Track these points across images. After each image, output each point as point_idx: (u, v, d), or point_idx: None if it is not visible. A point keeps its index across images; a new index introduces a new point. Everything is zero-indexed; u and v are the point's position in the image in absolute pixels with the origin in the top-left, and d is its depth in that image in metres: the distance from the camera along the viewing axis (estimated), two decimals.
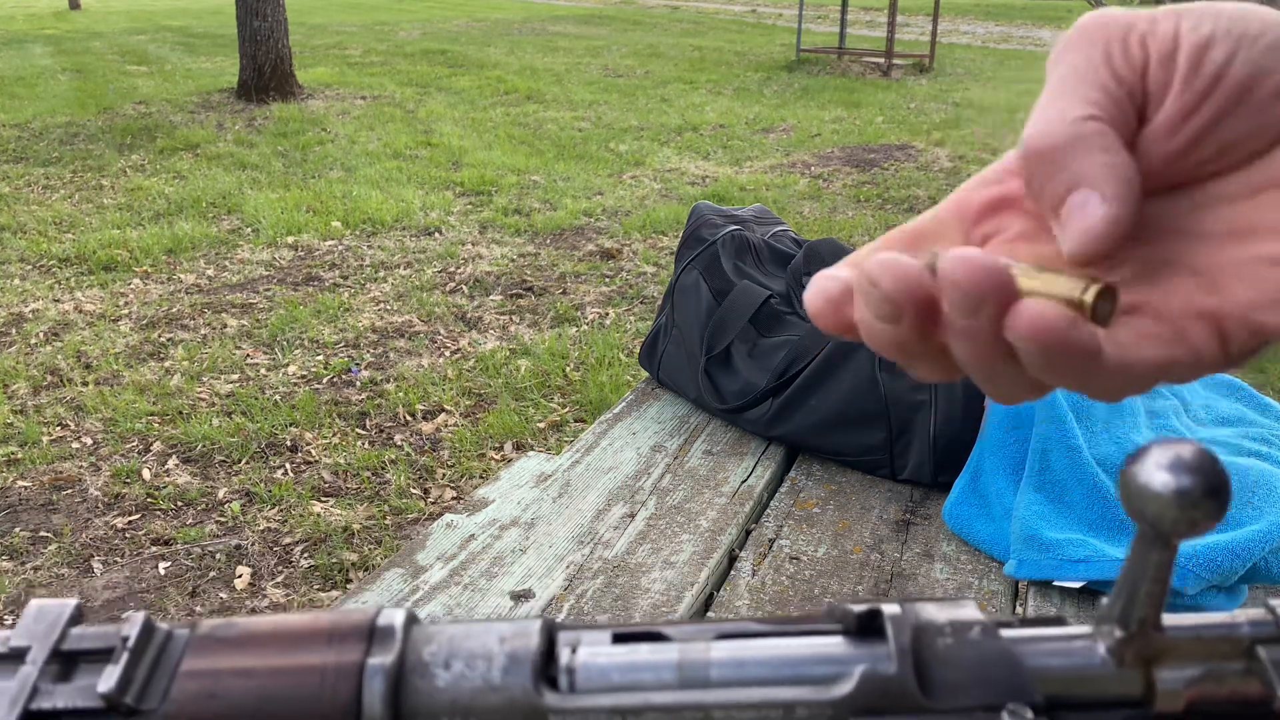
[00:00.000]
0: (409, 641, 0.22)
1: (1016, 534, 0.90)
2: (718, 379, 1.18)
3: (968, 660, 0.21)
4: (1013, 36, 12.98)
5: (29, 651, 0.21)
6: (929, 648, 0.21)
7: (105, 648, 0.22)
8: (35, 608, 0.23)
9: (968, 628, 0.22)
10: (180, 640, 0.22)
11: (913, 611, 0.22)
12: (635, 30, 13.03)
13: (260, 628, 0.22)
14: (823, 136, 5.88)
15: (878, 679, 0.21)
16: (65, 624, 0.22)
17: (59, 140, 5.56)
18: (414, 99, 7.10)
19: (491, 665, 0.21)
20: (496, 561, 0.92)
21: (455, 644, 0.22)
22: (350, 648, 0.21)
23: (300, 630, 0.22)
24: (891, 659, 0.21)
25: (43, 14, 15.50)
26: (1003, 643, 0.21)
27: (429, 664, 0.21)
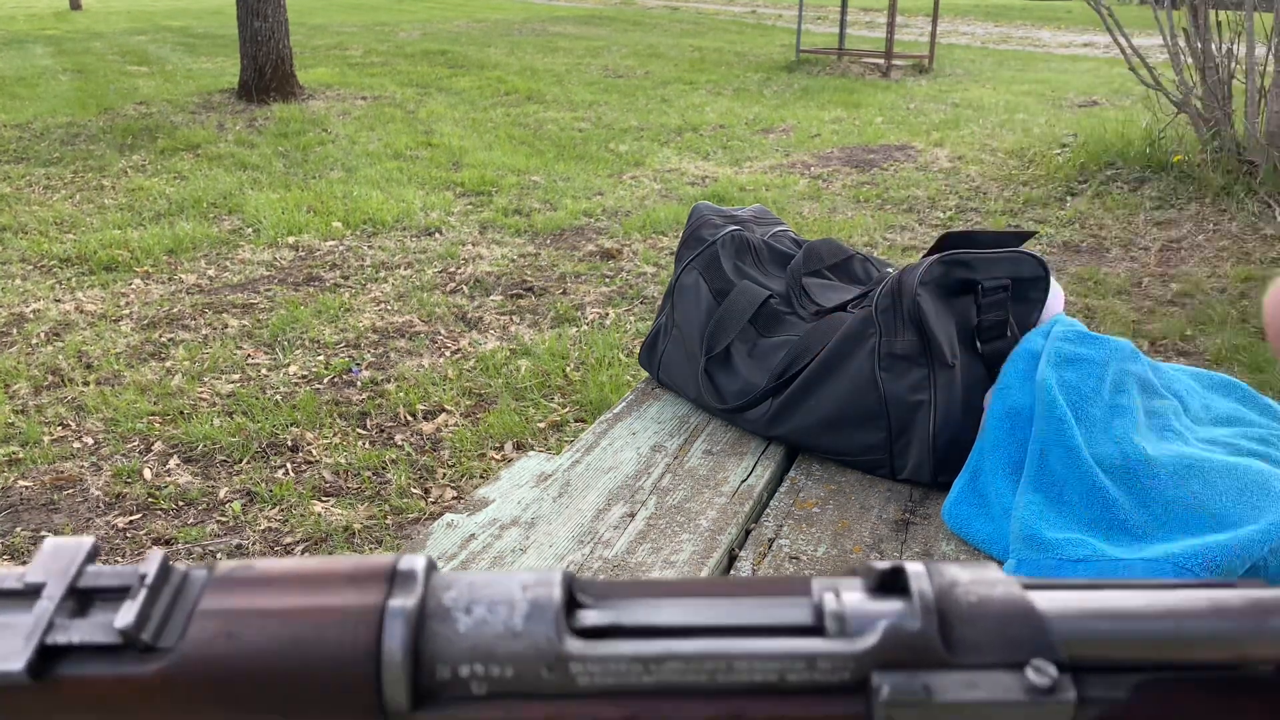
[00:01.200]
0: (430, 586, 0.21)
1: (1015, 533, 0.90)
2: (718, 379, 1.18)
3: (991, 617, 0.21)
4: (1012, 37, 12.98)
5: (45, 587, 0.21)
6: (953, 605, 0.21)
7: (122, 585, 0.21)
8: (51, 545, 0.22)
9: (992, 586, 0.22)
10: (198, 580, 0.22)
11: (936, 570, 0.22)
12: (635, 31, 13.03)
13: (279, 569, 0.22)
14: (822, 137, 5.88)
15: (901, 633, 0.21)
16: (82, 561, 0.22)
17: (60, 140, 5.57)
18: (414, 99, 7.10)
19: (514, 611, 0.21)
20: (497, 561, 0.92)
21: (476, 590, 0.21)
22: (371, 590, 0.21)
23: (320, 573, 0.22)
24: (915, 615, 0.21)
25: (43, 14, 15.50)
26: (1028, 602, 0.21)
27: (450, 608, 0.21)
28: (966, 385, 1.05)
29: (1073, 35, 13.23)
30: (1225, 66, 4.26)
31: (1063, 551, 0.86)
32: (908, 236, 3.92)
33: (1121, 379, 0.99)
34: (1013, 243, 1.10)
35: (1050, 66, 9.47)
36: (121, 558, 1.89)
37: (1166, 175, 4.47)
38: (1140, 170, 4.61)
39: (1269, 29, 4.29)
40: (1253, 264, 3.52)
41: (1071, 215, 4.17)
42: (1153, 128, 4.80)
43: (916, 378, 1.04)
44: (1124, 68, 5.13)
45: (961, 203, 4.42)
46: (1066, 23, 15.34)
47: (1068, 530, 0.89)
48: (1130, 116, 5.67)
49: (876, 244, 3.82)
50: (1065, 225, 4.05)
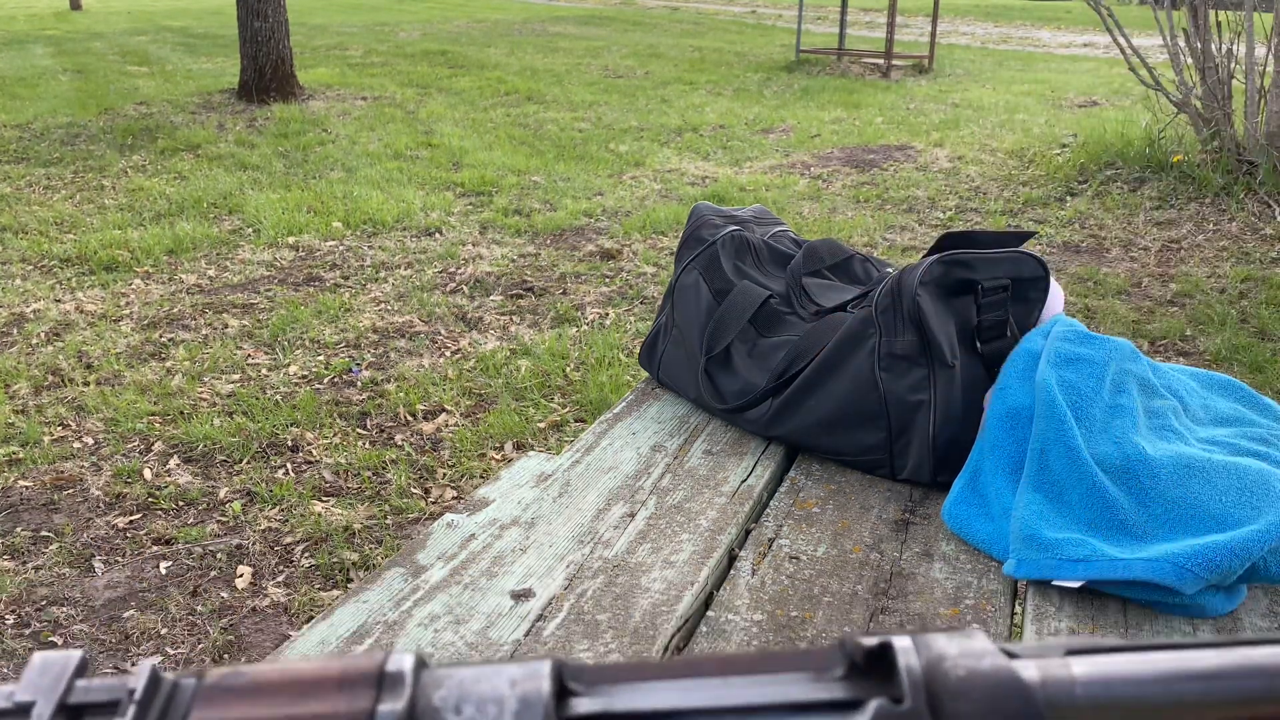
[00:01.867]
0: (419, 687, 0.21)
1: (1015, 533, 0.90)
2: (717, 379, 1.18)
3: (980, 691, 0.21)
4: (1012, 37, 12.98)
5: (34, 706, 0.21)
6: (941, 680, 0.21)
7: (112, 700, 0.21)
8: (40, 660, 0.22)
9: (979, 658, 0.22)
10: (188, 690, 0.22)
11: (923, 644, 0.22)
12: (635, 31, 13.03)
13: (268, 676, 0.22)
14: (822, 137, 5.88)
15: (890, 715, 0.21)
16: (70, 676, 0.22)
17: (60, 141, 5.57)
18: (414, 100, 7.10)
19: (503, 710, 0.21)
20: (497, 561, 0.92)
21: (465, 689, 0.21)
22: (360, 695, 0.21)
23: (309, 678, 0.22)
24: (904, 695, 0.21)
25: (43, 14, 15.50)
26: (1014, 673, 0.21)
27: (439, 710, 0.21)
28: (966, 385, 1.05)
29: (1073, 35, 13.23)
30: (1225, 66, 4.27)
31: (1063, 551, 0.86)
32: (908, 236, 3.92)
33: (1121, 379, 0.99)
34: (1013, 243, 1.10)
35: (1050, 66, 9.48)
36: (122, 557, 1.89)
37: (1166, 175, 4.47)
38: (1140, 170, 4.61)
39: (1269, 29, 4.29)
40: (1253, 264, 3.52)
41: (1071, 215, 4.17)
42: (1153, 128, 4.80)
43: (916, 378, 1.04)
44: (1124, 68, 5.13)
45: (961, 203, 4.42)
46: (1066, 23, 15.34)
47: (1067, 530, 0.89)
48: (1130, 116, 5.67)
49: (876, 244, 3.83)
50: (1065, 225, 4.05)
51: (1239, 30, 4.20)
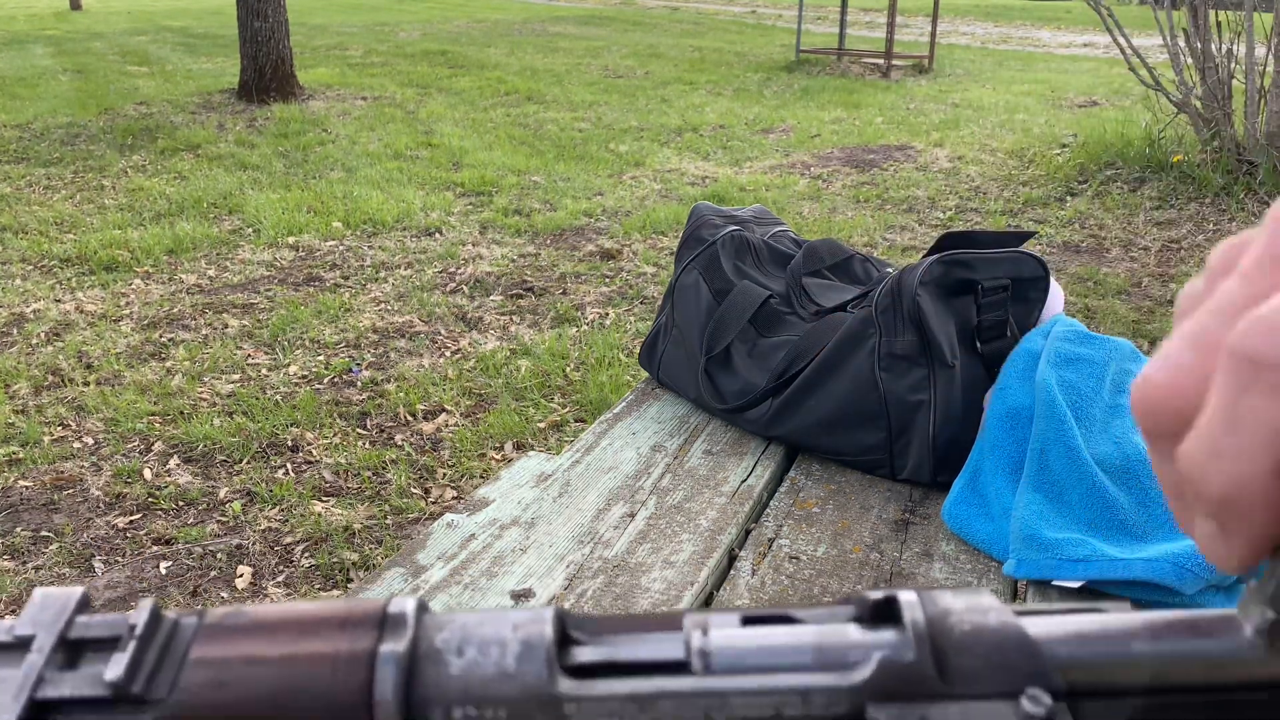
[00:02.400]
0: (421, 629, 0.21)
1: (1015, 533, 0.90)
2: (718, 379, 1.18)
3: (985, 646, 0.21)
4: (1012, 37, 12.98)
5: (34, 639, 0.21)
6: (946, 634, 0.21)
7: (112, 636, 0.21)
8: (40, 596, 0.22)
9: (985, 614, 0.21)
10: (189, 628, 0.22)
11: (929, 599, 0.22)
12: (635, 31, 13.03)
13: (270, 616, 0.22)
14: (822, 137, 5.88)
15: (896, 665, 0.21)
16: (72, 612, 0.22)
17: (60, 141, 5.57)
18: (414, 100, 7.10)
19: (505, 652, 0.21)
20: (497, 561, 0.92)
21: (468, 631, 0.21)
22: (362, 635, 0.21)
23: (311, 618, 0.22)
24: (909, 645, 0.21)
25: (43, 14, 15.50)
26: (1020, 629, 0.21)
27: (441, 650, 0.21)
28: (966, 385, 1.05)
29: (1073, 35, 13.23)
30: (1225, 66, 4.27)
31: (1063, 551, 0.86)
32: (908, 236, 3.92)
33: (1121, 379, 0.99)
34: (1013, 243, 1.10)
35: (1050, 66, 9.48)
36: (122, 558, 1.89)
37: (1166, 175, 4.47)
38: (1140, 170, 4.61)
39: (1269, 29, 4.29)
40: None
41: (1071, 215, 4.17)
42: (1153, 128, 4.80)
43: (916, 378, 1.04)
44: (1124, 68, 5.13)
45: (961, 203, 4.42)
46: (1066, 23, 15.34)
47: (1068, 530, 0.89)
48: (1130, 116, 5.67)
49: (876, 244, 3.83)
50: (1065, 225, 4.05)
51: (1239, 30, 4.20)
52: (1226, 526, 0.21)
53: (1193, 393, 0.21)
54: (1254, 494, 0.20)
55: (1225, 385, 0.20)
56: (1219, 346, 0.20)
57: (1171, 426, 0.22)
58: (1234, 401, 0.20)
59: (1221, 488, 0.20)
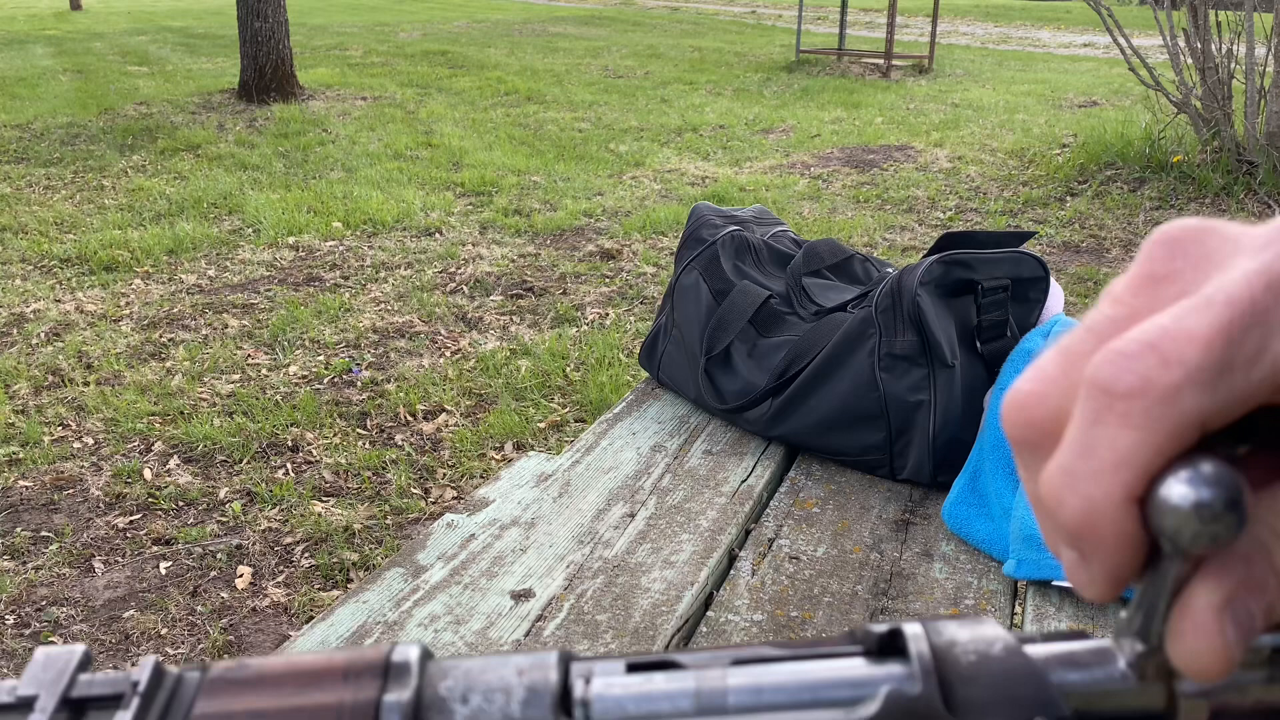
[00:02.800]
0: (425, 677, 0.21)
1: (1015, 534, 0.90)
2: (718, 379, 1.18)
3: (992, 677, 0.21)
4: (1012, 37, 12.98)
5: (37, 700, 0.21)
6: (952, 666, 0.21)
7: (115, 694, 0.21)
8: (42, 655, 0.22)
9: (990, 644, 0.21)
10: (192, 683, 0.22)
11: (934, 629, 0.22)
12: (635, 31, 13.03)
13: (273, 668, 0.22)
14: (822, 137, 5.88)
15: (902, 699, 0.20)
16: (73, 670, 0.22)
17: (60, 141, 5.57)
18: (414, 100, 7.10)
19: (510, 699, 0.21)
20: (497, 561, 0.92)
21: (472, 678, 0.21)
22: (365, 685, 0.21)
23: (314, 669, 0.22)
24: (915, 678, 0.21)
25: (44, 15, 15.51)
26: (1027, 658, 0.21)
27: (446, 699, 0.21)
28: (966, 385, 1.05)
29: (1073, 35, 13.23)
30: (1225, 66, 4.26)
31: None
32: (908, 236, 3.92)
33: None
34: (1013, 243, 1.10)
35: (1050, 67, 9.48)
36: (122, 558, 1.89)
37: (1166, 175, 4.47)
38: (1140, 170, 4.61)
39: (1269, 29, 4.29)
40: None
41: (1071, 215, 4.17)
42: (1153, 128, 4.80)
43: (916, 378, 1.04)
44: (1124, 68, 5.13)
45: (961, 203, 4.42)
46: (1066, 23, 15.34)
47: None
48: (1130, 116, 5.67)
49: (876, 244, 3.83)
50: (1065, 225, 4.05)
51: (1239, 30, 4.20)
52: (1084, 554, 0.21)
53: (1057, 408, 0.21)
54: (1106, 522, 0.20)
55: (1082, 411, 0.20)
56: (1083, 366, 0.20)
57: (1037, 439, 0.21)
58: (1089, 427, 0.20)
59: (1075, 514, 0.20)
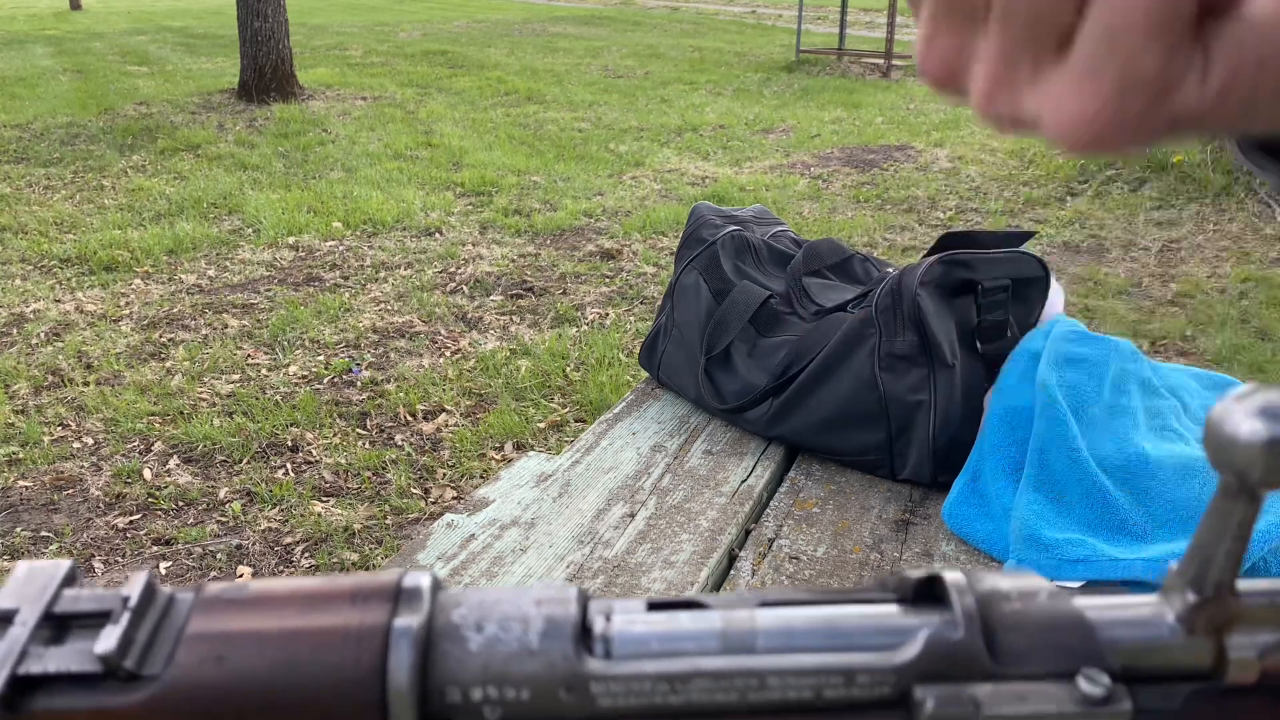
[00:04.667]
0: (437, 604, 0.20)
1: (1016, 534, 0.90)
2: (718, 379, 1.18)
3: (1037, 625, 0.20)
4: None
5: (17, 613, 0.20)
6: (995, 613, 0.20)
7: (103, 610, 0.20)
8: (25, 568, 0.21)
9: (1034, 593, 0.21)
10: (185, 602, 0.20)
11: (976, 578, 0.21)
12: (635, 31, 13.03)
13: (274, 590, 0.21)
14: (822, 137, 5.88)
15: (943, 644, 0.20)
16: (58, 585, 0.20)
17: (60, 141, 5.57)
18: (414, 100, 7.10)
19: (528, 628, 0.20)
20: (497, 561, 0.92)
21: (487, 607, 0.20)
22: (374, 609, 0.20)
23: (319, 592, 0.20)
24: (957, 624, 0.20)
25: (43, 14, 15.51)
26: (1074, 608, 0.20)
27: (459, 626, 0.20)
28: (966, 385, 1.05)
29: None
30: None
31: (1063, 552, 0.86)
32: (908, 236, 3.92)
33: (1122, 379, 0.99)
34: (1013, 243, 1.10)
35: None
36: (122, 558, 1.89)
37: (1166, 175, 4.47)
38: (1140, 170, 4.61)
39: None
40: (1253, 264, 3.52)
41: (1071, 215, 4.17)
42: None
43: (916, 378, 1.04)
44: None
45: (961, 203, 4.42)
46: None
47: (1068, 530, 0.89)
48: None
49: (876, 244, 3.83)
50: (1065, 225, 4.05)
51: None
52: (1095, 57, 0.16)
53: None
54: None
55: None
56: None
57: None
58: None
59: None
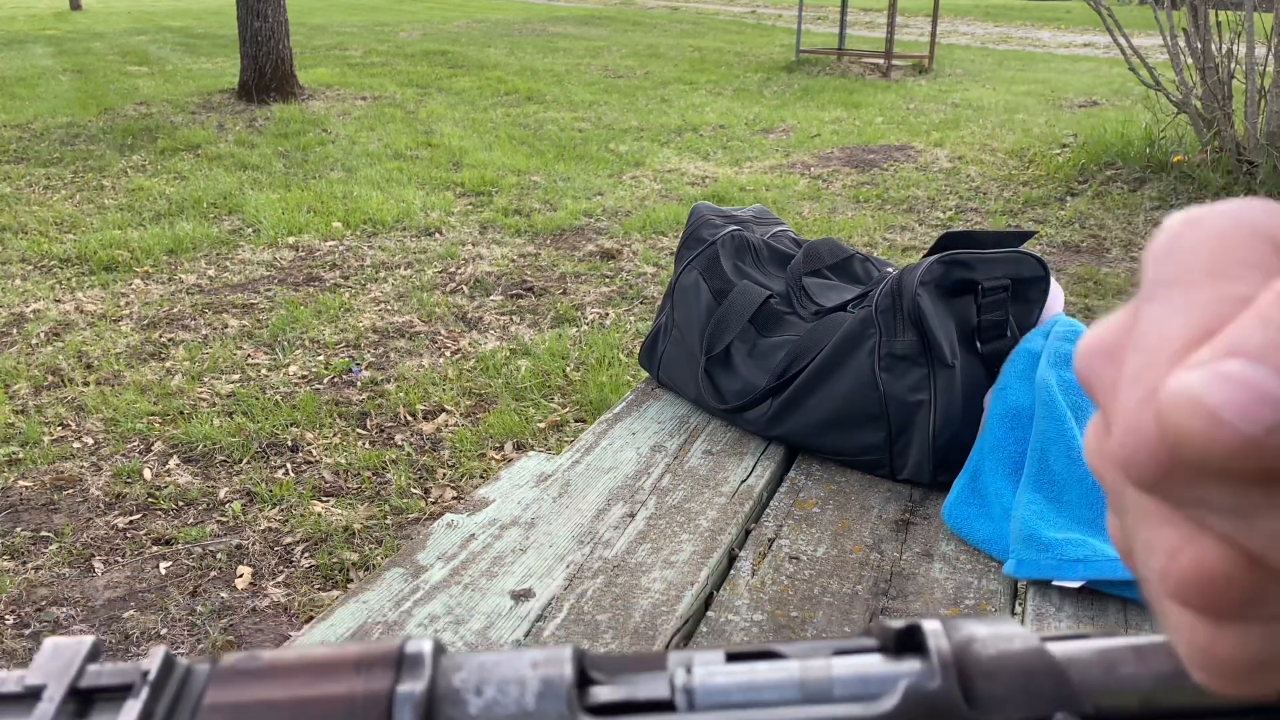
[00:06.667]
0: (439, 669, 0.21)
1: (1015, 533, 0.90)
2: (718, 379, 1.18)
3: (1012, 671, 0.20)
4: (1012, 37, 12.97)
5: (45, 689, 0.21)
6: (972, 660, 0.21)
7: (124, 684, 0.21)
8: (51, 645, 0.22)
9: (1010, 640, 0.21)
10: (202, 675, 0.22)
11: (953, 625, 0.22)
12: (635, 31, 13.03)
13: (284, 660, 0.22)
14: (822, 137, 5.88)
15: (922, 693, 0.20)
16: (82, 661, 0.21)
17: (60, 141, 5.57)
18: (414, 100, 7.10)
19: (525, 691, 0.21)
20: (497, 561, 0.92)
21: (486, 671, 0.21)
22: (378, 676, 0.21)
23: (325, 661, 0.21)
24: (934, 673, 0.20)
25: (44, 14, 15.51)
26: (1047, 654, 0.21)
27: (460, 690, 0.21)
28: (966, 385, 1.05)
29: (1073, 35, 13.23)
30: (1225, 66, 4.26)
31: (1062, 551, 0.86)
32: (908, 236, 3.92)
33: None
34: (1013, 243, 1.10)
35: (1050, 66, 9.47)
36: (122, 558, 1.89)
37: (1166, 175, 4.47)
38: (1140, 170, 4.61)
39: (1269, 29, 4.29)
40: None
41: (1071, 215, 4.17)
42: (1153, 128, 4.80)
43: (916, 378, 1.04)
44: (1124, 68, 5.13)
45: (961, 203, 4.42)
46: (1066, 23, 15.34)
47: (1068, 530, 0.89)
48: (1130, 116, 5.67)
49: (876, 244, 3.82)
50: (1065, 225, 4.05)
51: (1239, 30, 4.20)
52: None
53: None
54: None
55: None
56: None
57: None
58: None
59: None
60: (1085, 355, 0.18)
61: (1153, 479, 0.16)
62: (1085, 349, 0.18)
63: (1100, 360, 0.18)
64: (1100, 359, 0.18)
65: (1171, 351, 0.15)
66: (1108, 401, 0.17)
